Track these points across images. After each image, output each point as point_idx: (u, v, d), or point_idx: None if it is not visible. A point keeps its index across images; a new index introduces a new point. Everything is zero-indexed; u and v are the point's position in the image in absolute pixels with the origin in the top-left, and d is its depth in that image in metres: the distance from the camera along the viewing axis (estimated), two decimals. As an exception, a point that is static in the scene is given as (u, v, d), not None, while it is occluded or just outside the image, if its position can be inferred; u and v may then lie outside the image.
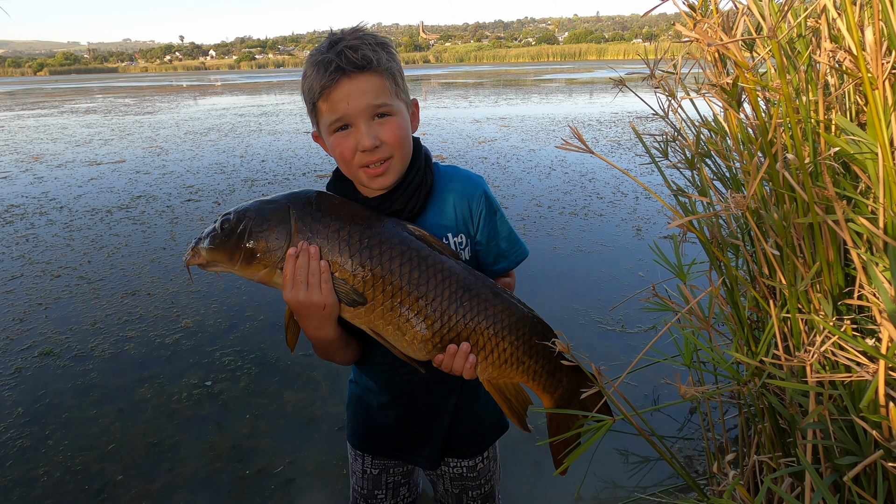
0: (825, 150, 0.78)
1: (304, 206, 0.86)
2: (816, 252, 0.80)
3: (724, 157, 1.13)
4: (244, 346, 2.75)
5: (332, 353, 0.97)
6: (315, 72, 0.86)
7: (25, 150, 9.06)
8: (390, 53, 0.88)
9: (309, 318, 0.85)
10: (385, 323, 0.85)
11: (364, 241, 0.84)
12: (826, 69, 0.77)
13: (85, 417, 2.21)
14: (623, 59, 72.63)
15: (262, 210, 0.86)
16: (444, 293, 0.86)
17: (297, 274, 0.82)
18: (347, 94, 0.84)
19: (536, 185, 5.75)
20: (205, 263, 0.86)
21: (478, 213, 1.01)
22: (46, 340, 2.83)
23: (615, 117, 10.97)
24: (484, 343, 0.88)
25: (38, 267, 3.83)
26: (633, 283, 3.27)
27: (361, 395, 1.14)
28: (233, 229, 0.85)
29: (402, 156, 0.91)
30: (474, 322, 0.87)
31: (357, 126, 0.86)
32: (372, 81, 0.85)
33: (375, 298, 0.84)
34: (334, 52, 0.85)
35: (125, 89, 32.58)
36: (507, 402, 0.93)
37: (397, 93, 0.89)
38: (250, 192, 5.85)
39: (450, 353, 0.86)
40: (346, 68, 0.84)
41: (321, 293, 0.82)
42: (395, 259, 0.84)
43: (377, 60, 0.85)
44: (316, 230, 0.84)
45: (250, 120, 12.89)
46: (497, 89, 21.79)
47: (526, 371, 0.92)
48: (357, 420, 1.16)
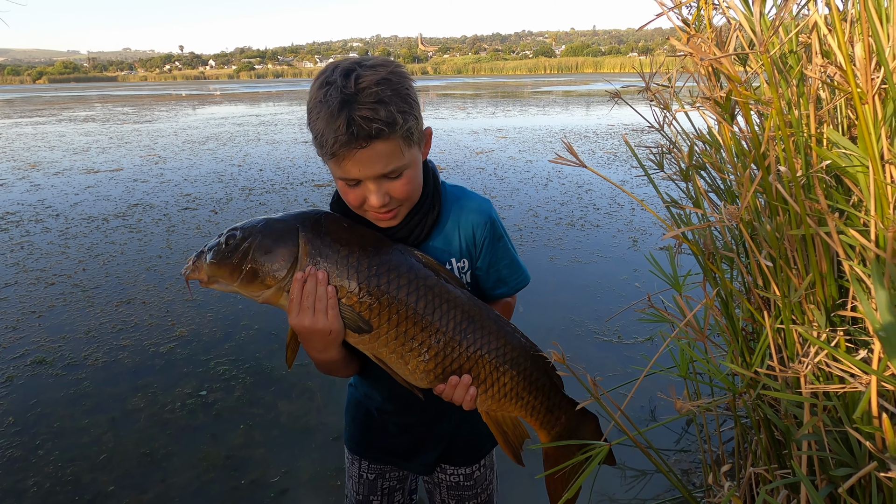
0: (817, 163, 0.79)
1: (313, 227, 0.84)
2: (810, 264, 0.80)
3: (719, 169, 1.14)
4: (239, 355, 2.73)
5: (335, 371, 0.97)
6: (325, 129, 0.79)
7: (23, 158, 9.06)
8: (408, 106, 0.81)
9: (313, 342, 0.85)
10: (389, 351, 0.85)
11: (373, 269, 0.83)
12: (818, 84, 0.79)
13: (77, 427, 2.18)
14: (619, 73, 73.43)
15: (270, 229, 0.84)
16: (448, 324, 0.85)
17: (304, 299, 0.81)
18: (358, 161, 0.80)
19: (533, 195, 5.78)
20: (205, 279, 0.84)
21: (482, 239, 0.99)
22: (39, 349, 2.81)
23: (611, 129, 11.06)
24: (485, 376, 0.88)
25: (32, 275, 3.81)
26: (630, 294, 3.28)
27: (361, 400, 1.14)
28: (238, 246, 0.82)
29: (410, 203, 0.90)
30: (477, 354, 0.87)
31: (367, 185, 0.83)
32: (385, 148, 0.80)
33: (381, 326, 0.83)
34: (345, 121, 0.76)
35: (124, 98, 32.68)
36: (503, 435, 0.93)
37: (410, 144, 0.84)
38: (247, 200, 5.86)
39: (451, 385, 0.86)
40: (359, 139, 0.77)
41: (327, 319, 0.81)
42: (403, 288, 0.83)
43: (392, 125, 0.78)
44: (325, 254, 0.82)
45: (248, 129, 12.93)
46: (494, 101, 21.96)
47: (525, 406, 0.92)
48: (356, 424, 1.16)
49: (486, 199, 1.02)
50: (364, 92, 0.77)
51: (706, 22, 0.99)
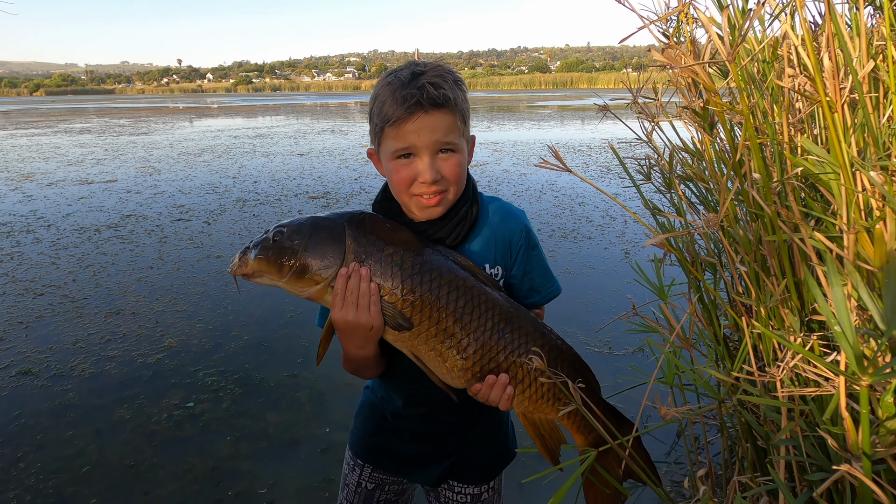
0: (791, 171, 0.80)
1: (359, 226, 0.87)
2: (786, 269, 0.81)
3: (700, 178, 1.16)
4: (228, 366, 2.71)
5: (363, 370, 0.98)
6: (392, 100, 0.87)
7: (16, 169, 9.04)
8: (464, 93, 0.91)
9: (354, 338, 0.86)
10: (428, 349, 0.86)
11: (415, 268, 0.85)
12: (791, 93, 0.81)
13: (60, 439, 2.15)
14: (613, 88, 74.41)
15: (318, 227, 0.86)
16: (486, 324, 0.86)
17: (349, 294, 0.83)
18: (420, 127, 0.86)
19: (527, 208, 5.81)
20: (251, 273, 0.85)
21: (517, 247, 1.02)
22: (25, 360, 2.77)
23: (605, 143, 11.18)
24: (523, 376, 0.89)
25: (21, 285, 3.78)
26: (621, 306, 3.28)
27: (377, 403, 1.12)
28: (287, 243, 0.84)
29: (456, 191, 0.92)
30: (514, 354, 0.88)
31: (421, 157, 0.88)
32: (445, 119, 0.87)
33: (421, 324, 0.85)
34: (415, 86, 0.85)
35: (121, 110, 32.77)
36: (540, 438, 0.93)
37: (463, 132, 0.91)
38: (241, 212, 5.85)
39: (488, 384, 0.87)
40: (426, 104, 0.85)
41: (369, 315, 0.83)
42: (444, 287, 0.85)
43: (455, 100, 0.87)
44: (370, 252, 0.85)
45: (245, 142, 12.97)
46: (490, 115, 22.17)
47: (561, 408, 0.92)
48: (367, 427, 1.13)
49: (521, 209, 1.06)
50: (432, 70, 0.88)
51: (686, 35, 1.01)
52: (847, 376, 0.42)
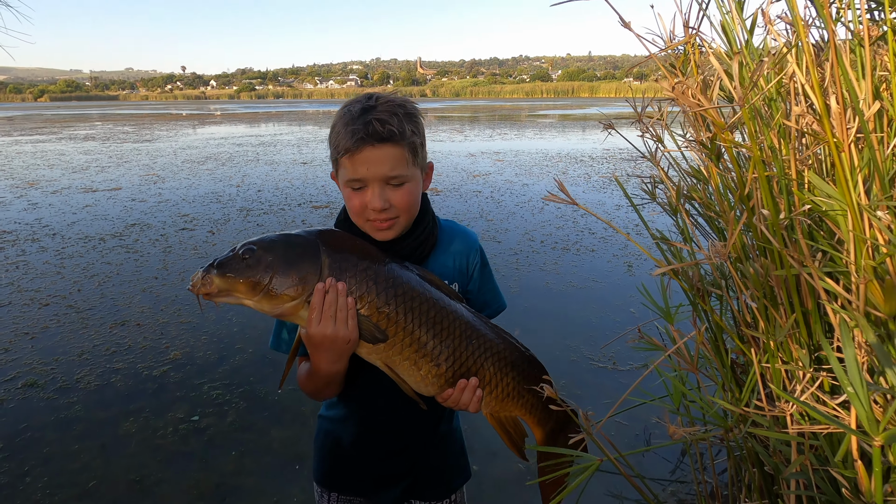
0: (798, 207, 0.82)
1: (331, 243, 0.89)
2: (795, 302, 0.83)
3: (707, 205, 1.18)
4: (233, 379, 2.72)
5: (326, 388, 1.00)
6: (344, 132, 0.92)
7: (21, 176, 9.09)
8: (416, 126, 0.95)
9: (329, 352, 0.88)
10: (402, 358, 0.90)
11: (389, 281, 0.89)
12: (796, 130, 0.82)
13: (66, 452, 2.16)
14: (614, 97, 74.73)
15: (291, 243, 0.87)
16: (456, 331, 0.92)
17: (327, 309, 0.85)
18: (368, 160, 0.91)
19: (529, 219, 5.83)
20: (216, 292, 0.84)
21: (473, 265, 1.09)
22: (31, 371, 2.78)
23: (607, 154, 11.22)
24: (490, 378, 0.94)
25: (26, 295, 3.80)
26: (625, 320, 3.29)
27: (331, 430, 1.15)
28: (260, 260, 0.84)
29: (407, 217, 0.98)
30: (483, 358, 0.93)
31: (371, 188, 0.93)
32: (392, 153, 0.91)
33: (396, 335, 0.88)
34: (363, 122, 0.91)
35: (125, 117, 32.97)
36: (507, 434, 1.00)
37: (414, 161, 0.96)
38: (245, 221, 5.88)
39: (459, 388, 0.92)
40: (371, 139, 0.90)
41: (347, 328, 0.85)
42: (416, 299, 0.89)
43: (401, 134, 0.92)
44: (345, 268, 0.87)
45: (248, 150, 13.04)
46: (492, 124, 22.27)
47: (525, 404, 0.99)
48: (325, 455, 1.17)
49: (474, 231, 1.14)
50: (382, 105, 0.93)
51: (692, 65, 1.03)
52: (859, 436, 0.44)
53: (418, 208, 1.00)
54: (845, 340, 0.45)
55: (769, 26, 0.92)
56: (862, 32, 0.85)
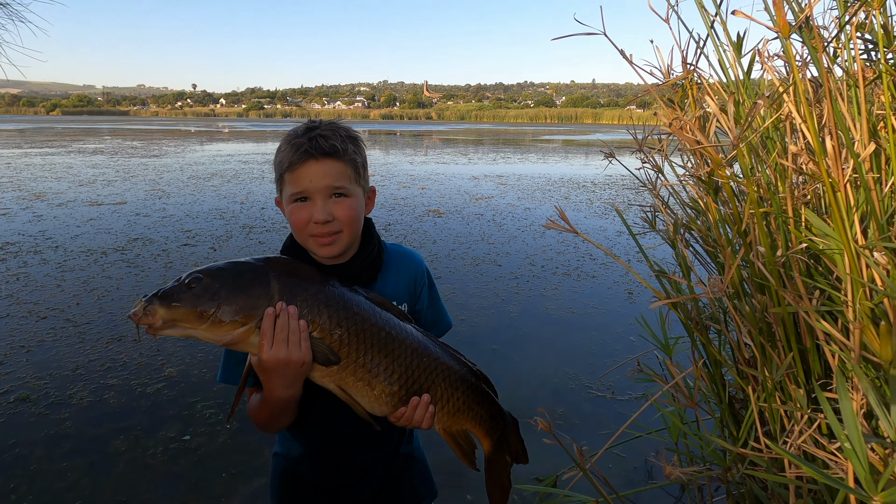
0: (795, 244, 0.82)
1: (280, 268, 0.90)
2: (792, 340, 0.82)
3: (705, 238, 1.18)
4: (227, 398, 2.69)
5: (281, 416, 0.98)
6: (288, 149, 0.97)
7: (28, 188, 9.18)
8: (357, 147, 1.01)
9: (283, 377, 0.87)
10: (356, 379, 0.91)
11: (340, 303, 0.90)
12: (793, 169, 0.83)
13: (54, 470, 2.12)
14: (617, 124, 75.63)
15: (240, 271, 0.87)
16: (407, 350, 0.94)
17: (279, 333, 0.85)
18: (312, 172, 0.95)
19: (531, 243, 5.84)
20: (159, 324, 0.80)
21: (420, 285, 1.13)
22: (24, 385, 2.76)
23: (609, 180, 11.30)
24: (441, 394, 0.96)
25: (25, 307, 3.79)
26: (624, 348, 3.26)
27: (288, 467, 1.12)
28: (207, 288, 0.82)
29: (350, 232, 0.99)
30: (434, 375, 0.96)
31: (314, 201, 0.96)
32: (335, 167, 0.96)
33: (349, 356, 0.89)
34: (307, 137, 0.96)
35: (134, 132, 33.46)
36: (458, 447, 1.02)
37: (357, 179, 1.00)
38: (247, 238, 5.90)
39: (412, 405, 0.93)
40: (315, 153, 0.95)
41: (300, 351, 0.85)
42: (367, 320, 0.91)
43: (343, 150, 0.96)
44: (295, 292, 0.88)
45: (254, 167, 13.18)
46: (496, 147, 22.51)
47: (475, 417, 1.02)
48: (283, 495, 1.13)
49: (418, 252, 1.18)
50: (326, 126, 0.98)
51: (690, 101, 1.05)
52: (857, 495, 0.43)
53: (361, 226, 1.02)
54: (842, 392, 0.44)
55: (765, 66, 0.94)
56: (857, 74, 0.86)
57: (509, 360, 3.10)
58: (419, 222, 6.86)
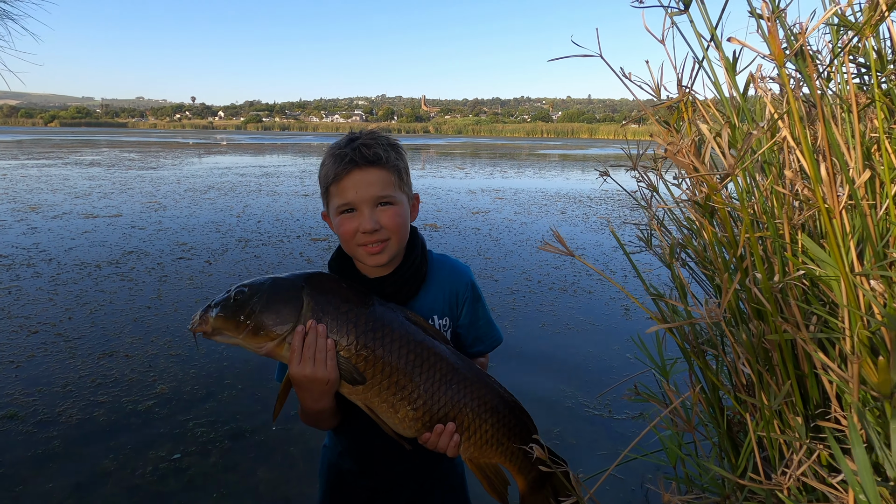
0: (792, 271, 0.81)
1: (315, 286, 0.93)
2: (788, 368, 0.81)
3: (701, 258, 1.17)
4: (219, 416, 2.65)
5: (320, 422, 1.03)
6: (332, 161, 0.99)
7: (24, 200, 9.15)
8: (399, 154, 1.02)
9: (310, 392, 0.91)
10: (381, 400, 0.91)
11: (369, 324, 0.91)
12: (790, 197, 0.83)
13: (38, 493, 2.07)
14: (613, 139, 76.32)
15: (277, 287, 0.92)
16: (435, 375, 0.93)
17: (306, 350, 0.87)
18: (356, 183, 0.96)
19: (527, 258, 5.84)
20: (210, 331, 0.89)
21: (464, 300, 1.10)
22: (13, 402, 2.71)
23: (605, 195, 11.36)
24: (468, 424, 0.95)
25: (15, 322, 3.75)
26: (621, 366, 3.24)
27: (334, 462, 1.15)
28: (246, 301, 0.89)
29: (398, 239, 1.00)
30: (461, 404, 0.94)
31: (361, 211, 0.97)
32: (379, 175, 0.97)
33: (374, 377, 0.90)
34: (350, 148, 0.98)
35: (132, 144, 33.52)
36: (487, 480, 0.99)
37: (401, 186, 1.01)
38: (243, 252, 5.88)
39: (436, 432, 0.93)
40: (359, 161, 0.96)
41: (326, 369, 0.87)
42: (395, 342, 0.91)
43: (386, 158, 0.98)
44: (326, 310, 0.91)
45: (251, 180, 13.19)
46: (493, 161, 22.65)
47: (504, 452, 0.98)
48: (328, 487, 1.17)
49: (467, 265, 1.15)
50: (367, 136, 1.00)
51: (686, 126, 1.05)
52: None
53: (407, 233, 1.03)
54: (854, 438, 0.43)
55: (759, 90, 0.94)
56: (850, 98, 0.87)
57: (505, 378, 3.06)
58: (416, 236, 6.86)
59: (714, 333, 1.12)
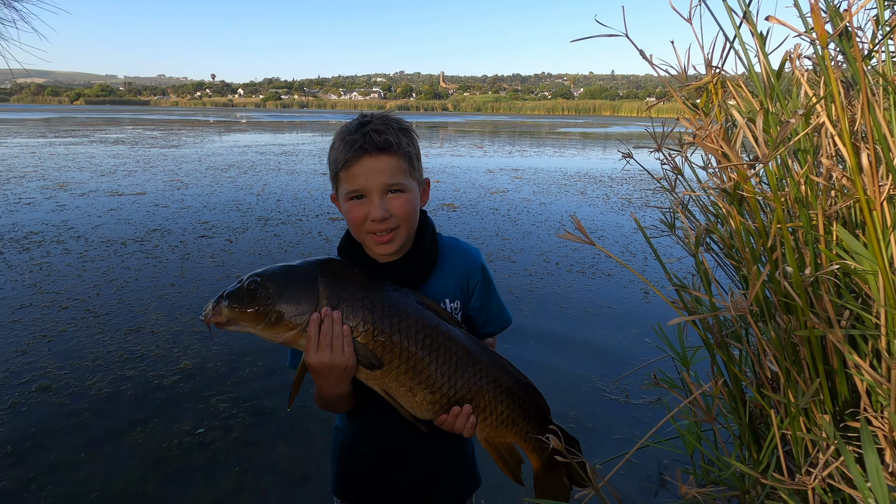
0: (826, 265, 0.78)
1: (330, 273, 0.92)
2: (818, 365, 0.78)
3: (728, 248, 1.13)
4: (241, 392, 2.71)
5: (337, 406, 1.04)
6: (342, 146, 0.97)
7: (52, 178, 9.37)
8: (410, 138, 0.99)
9: (328, 378, 0.91)
10: (398, 385, 0.92)
11: (385, 310, 0.91)
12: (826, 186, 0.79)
13: (72, 461, 2.17)
14: (636, 116, 74.35)
15: (291, 275, 0.91)
16: (451, 359, 0.93)
17: (323, 338, 0.87)
18: (367, 169, 0.94)
19: (545, 239, 5.78)
20: (225, 322, 0.88)
21: (474, 282, 1.10)
22: (46, 375, 2.82)
23: (627, 174, 11.13)
24: (485, 405, 0.96)
25: (47, 297, 3.88)
26: (639, 351, 3.21)
27: (348, 443, 1.17)
28: (262, 291, 0.88)
29: (407, 227, 0.99)
30: (477, 386, 0.95)
31: (371, 198, 0.95)
32: (390, 162, 0.95)
33: (392, 362, 0.90)
34: (360, 133, 0.95)
35: (154, 122, 33.94)
36: (502, 460, 1.01)
37: (411, 173, 0.99)
38: (263, 231, 5.95)
39: (453, 414, 0.94)
40: (369, 148, 0.94)
41: (344, 356, 0.88)
42: (411, 327, 0.91)
43: (397, 144, 0.95)
44: (342, 297, 0.90)
45: (270, 158, 13.27)
46: (512, 140, 22.32)
47: (519, 432, 1.00)
48: (342, 468, 1.18)
49: (476, 247, 1.15)
50: (378, 120, 0.97)
51: (716, 108, 1.00)
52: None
53: (417, 220, 1.02)
54: (866, 442, 0.41)
55: (796, 72, 0.89)
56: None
57: (521, 360, 3.07)
58: (433, 216, 6.80)
59: (739, 326, 1.09)
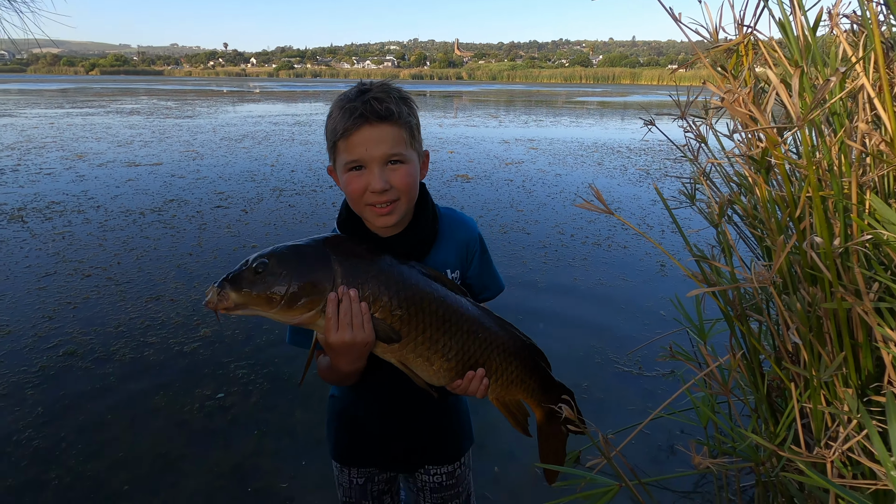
0: (857, 234, 0.74)
1: (341, 251, 0.91)
2: (843, 338, 0.76)
3: (752, 218, 1.10)
4: (258, 359, 2.78)
5: (347, 380, 1.04)
6: (341, 115, 0.94)
7: (71, 148, 9.48)
8: (411, 108, 0.98)
9: (349, 356, 0.92)
10: (416, 356, 0.94)
11: (399, 284, 0.92)
12: (860, 152, 0.75)
13: (100, 422, 2.25)
14: (657, 84, 72.05)
15: (302, 255, 0.88)
16: (464, 326, 0.95)
17: (343, 317, 0.87)
18: (367, 139, 0.92)
19: (560, 211, 5.71)
20: (233, 307, 0.83)
21: (473, 252, 1.13)
22: (72, 340, 2.92)
23: (645, 145, 10.86)
24: (496, 368, 1.00)
25: (70, 265, 3.97)
26: (654, 323, 3.19)
27: (346, 409, 1.19)
28: (274, 273, 0.84)
29: (407, 199, 0.98)
30: (488, 350, 0.99)
31: (371, 169, 0.94)
32: (390, 131, 0.93)
33: (409, 335, 0.92)
34: (361, 101, 0.93)
35: (169, 92, 33.91)
36: (512, 416, 1.06)
37: (412, 144, 0.97)
38: (277, 201, 5.97)
39: (468, 378, 0.97)
40: (370, 117, 0.92)
41: (364, 333, 0.88)
42: (425, 300, 0.92)
43: (398, 114, 0.94)
44: (356, 274, 0.89)
45: (284, 129, 13.22)
46: (528, 109, 21.86)
47: (527, 388, 1.05)
48: (341, 433, 1.21)
49: (472, 217, 1.16)
50: (377, 88, 0.95)
51: (745, 72, 0.95)
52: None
53: (417, 192, 1.01)
54: (892, 417, 0.39)
55: (836, 30, 0.83)
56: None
57: (535, 332, 3.08)
58: (447, 187, 6.78)
59: (760, 298, 1.06)
